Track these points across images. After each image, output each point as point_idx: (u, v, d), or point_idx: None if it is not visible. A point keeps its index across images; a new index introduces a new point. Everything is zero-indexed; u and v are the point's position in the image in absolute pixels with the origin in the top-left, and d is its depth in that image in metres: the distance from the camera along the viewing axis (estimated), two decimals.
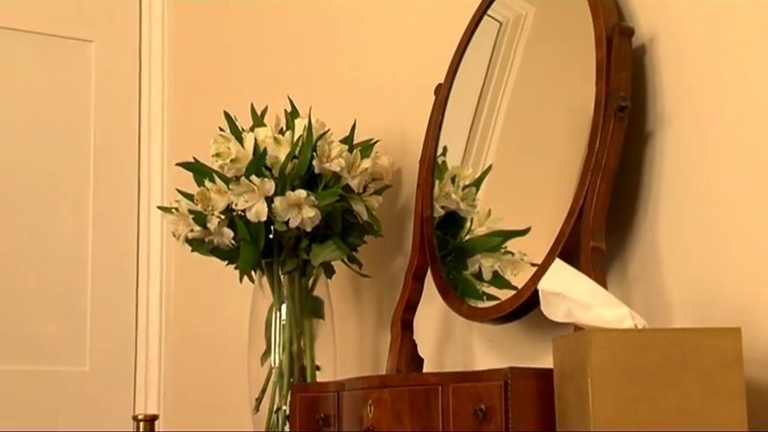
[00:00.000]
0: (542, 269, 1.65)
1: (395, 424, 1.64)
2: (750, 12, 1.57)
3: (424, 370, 1.92)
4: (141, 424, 1.89)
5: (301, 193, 1.94)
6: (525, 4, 1.90)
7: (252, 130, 2.03)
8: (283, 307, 2.03)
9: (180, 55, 2.90)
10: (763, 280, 1.52)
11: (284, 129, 2.03)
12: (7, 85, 2.79)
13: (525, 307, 1.72)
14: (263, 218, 1.95)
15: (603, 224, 1.63)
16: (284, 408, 1.98)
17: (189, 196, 2.04)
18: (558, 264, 1.52)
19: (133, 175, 2.90)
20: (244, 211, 1.96)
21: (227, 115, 2.06)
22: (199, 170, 2.05)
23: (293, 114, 2.06)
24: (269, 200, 1.95)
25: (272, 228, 1.99)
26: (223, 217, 1.99)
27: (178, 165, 2.14)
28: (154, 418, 1.92)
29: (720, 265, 1.57)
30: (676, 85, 1.66)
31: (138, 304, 2.86)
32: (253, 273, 2.07)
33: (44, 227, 2.80)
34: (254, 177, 1.96)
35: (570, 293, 1.45)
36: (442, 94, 1.99)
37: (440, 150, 1.97)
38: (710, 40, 1.62)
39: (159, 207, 2.39)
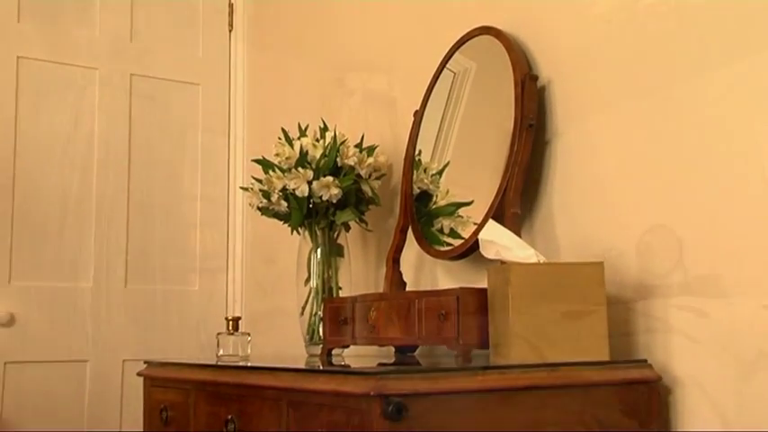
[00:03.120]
0: (481, 226, 1.64)
1: (388, 323, 1.64)
2: (610, 63, 1.56)
3: (407, 289, 1.91)
4: (230, 322, 1.89)
5: (329, 178, 1.93)
6: (470, 61, 1.88)
7: (299, 139, 2.02)
8: (318, 250, 2.02)
9: (254, 92, 2.88)
10: (617, 233, 1.51)
11: (319, 138, 2.02)
12: (147, 114, 2.76)
13: (470, 250, 1.71)
14: (306, 194, 1.94)
15: (519, 198, 1.62)
16: (319, 313, 1.98)
17: (259, 180, 2.03)
18: (491, 223, 1.52)
19: (225, 167, 2.88)
20: (294, 190, 1.95)
21: (283, 130, 2.04)
22: (265, 164, 2.04)
23: (324, 129, 2.04)
24: (309, 183, 1.94)
25: (311, 200, 1.98)
26: (281, 194, 1.98)
27: (253, 161, 2.13)
28: (238, 318, 1.91)
29: (590, 222, 1.57)
30: (564, 110, 1.65)
31: (228, 248, 2.85)
32: (299, 228, 2.06)
33: (169, 200, 2.78)
34: (300, 169, 1.95)
35: (499, 241, 1.45)
36: (418, 116, 1.97)
37: (417, 152, 1.95)
38: (586, 83, 1.61)
39: (241, 187, 2.38)
